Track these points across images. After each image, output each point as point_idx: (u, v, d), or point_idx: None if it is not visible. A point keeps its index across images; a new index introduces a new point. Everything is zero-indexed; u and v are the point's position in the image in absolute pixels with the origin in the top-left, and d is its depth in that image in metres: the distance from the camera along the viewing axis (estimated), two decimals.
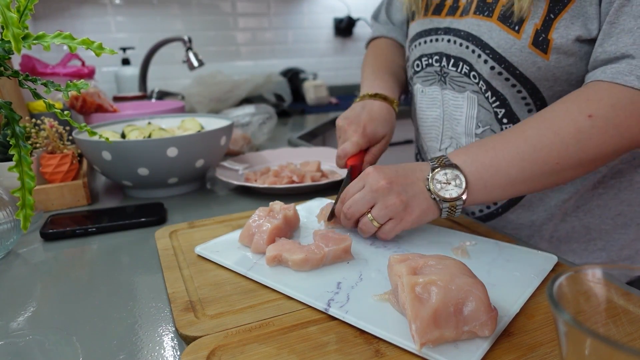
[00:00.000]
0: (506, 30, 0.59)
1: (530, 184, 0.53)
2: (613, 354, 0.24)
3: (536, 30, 0.57)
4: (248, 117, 1.20)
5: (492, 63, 0.61)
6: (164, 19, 2.03)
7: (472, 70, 0.64)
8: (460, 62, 0.66)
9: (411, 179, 0.54)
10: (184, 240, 0.59)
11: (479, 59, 0.63)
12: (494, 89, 0.63)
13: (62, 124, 0.85)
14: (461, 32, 0.65)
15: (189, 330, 0.40)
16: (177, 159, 0.76)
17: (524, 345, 0.37)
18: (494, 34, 0.61)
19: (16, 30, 0.45)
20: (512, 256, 0.50)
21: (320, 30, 2.34)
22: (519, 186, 0.53)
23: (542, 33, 0.57)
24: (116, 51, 0.53)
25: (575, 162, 0.51)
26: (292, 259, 0.48)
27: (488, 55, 0.61)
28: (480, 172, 0.53)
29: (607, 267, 0.31)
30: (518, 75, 0.60)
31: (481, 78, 0.64)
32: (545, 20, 0.56)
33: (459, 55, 0.66)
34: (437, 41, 0.69)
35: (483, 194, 0.53)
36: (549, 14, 0.56)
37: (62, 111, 0.57)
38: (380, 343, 0.38)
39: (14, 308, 0.47)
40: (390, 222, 0.53)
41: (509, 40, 0.59)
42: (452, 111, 0.70)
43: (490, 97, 0.64)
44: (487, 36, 0.61)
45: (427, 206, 0.53)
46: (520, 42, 0.58)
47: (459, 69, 0.66)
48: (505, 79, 0.61)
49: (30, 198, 0.52)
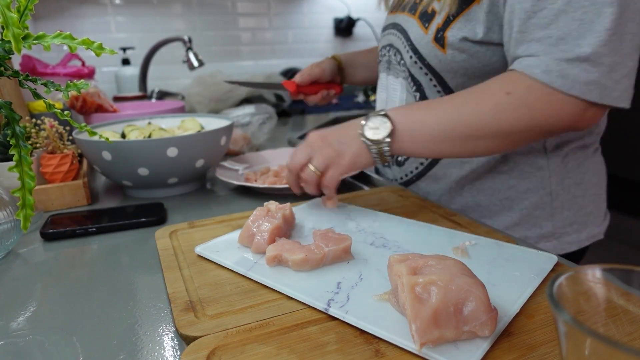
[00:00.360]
0: (420, 26, 0.71)
1: (451, 145, 0.61)
2: (613, 354, 0.24)
3: (437, 28, 0.68)
4: (248, 117, 1.20)
5: (411, 53, 0.73)
6: (164, 19, 2.03)
7: (402, 59, 0.76)
8: (397, 52, 0.78)
9: (345, 131, 0.63)
10: (184, 240, 0.59)
11: (404, 49, 0.75)
12: (412, 76, 0.75)
13: (62, 124, 0.85)
14: (398, 26, 0.77)
15: (189, 330, 0.40)
16: (177, 159, 0.76)
17: (524, 345, 0.37)
18: (414, 28, 0.72)
19: (16, 30, 0.45)
20: (512, 256, 0.50)
21: (320, 30, 2.34)
22: (441, 144, 0.61)
23: (441, 31, 0.68)
24: (116, 51, 0.53)
25: (491, 132, 0.58)
26: (292, 259, 0.48)
27: (409, 47, 0.73)
28: (407, 123, 0.61)
29: (607, 267, 0.31)
30: (427, 66, 0.72)
31: (405, 66, 0.76)
32: (445, 21, 0.67)
33: (396, 45, 0.78)
34: (389, 34, 0.81)
35: (409, 144, 0.61)
36: (449, 16, 0.67)
37: (62, 111, 0.57)
38: (380, 343, 0.38)
39: (14, 308, 0.47)
40: (329, 170, 0.61)
41: (420, 34, 0.71)
42: (392, 94, 0.83)
43: (410, 83, 0.76)
44: (410, 30, 0.74)
45: (358, 149, 0.61)
46: (427, 37, 0.70)
47: (397, 58, 0.79)
48: (419, 68, 0.73)
49: (30, 198, 0.52)
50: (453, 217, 0.64)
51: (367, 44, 2.41)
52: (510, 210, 0.75)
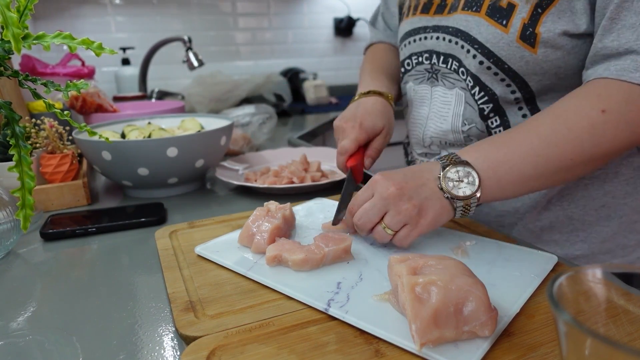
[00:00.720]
0: (494, 24, 0.60)
1: (544, 181, 0.53)
2: (613, 354, 0.24)
3: (524, 24, 0.58)
4: (248, 117, 1.20)
5: (480, 58, 0.62)
6: (164, 19, 2.03)
7: (461, 67, 0.65)
8: (449, 59, 0.67)
9: (421, 181, 0.52)
10: (184, 240, 0.59)
11: (467, 54, 0.64)
12: (482, 83, 0.64)
13: (62, 124, 0.85)
14: (449, 29, 0.66)
15: (189, 330, 0.40)
16: (177, 159, 0.76)
17: (524, 345, 0.37)
18: (482, 28, 0.62)
19: (16, 30, 0.45)
20: (512, 256, 0.50)
21: (320, 30, 2.34)
22: (532, 183, 0.53)
23: (530, 27, 0.58)
24: (116, 51, 0.53)
25: (589, 158, 0.51)
26: (292, 259, 0.48)
27: (477, 50, 0.62)
28: (493, 169, 0.52)
29: (607, 267, 0.31)
30: (507, 70, 0.61)
31: (469, 73, 0.65)
32: (532, 15, 0.57)
33: (448, 51, 0.67)
34: (426, 39, 0.70)
35: (496, 191, 0.53)
36: (536, 9, 0.57)
37: (61, 111, 0.57)
38: (380, 343, 0.38)
39: (14, 308, 0.47)
40: (405, 228, 0.51)
41: (496, 34, 0.60)
42: (440, 108, 0.71)
43: (477, 93, 0.65)
44: (475, 31, 0.62)
45: (441, 207, 0.51)
46: (508, 37, 0.59)
47: (449, 66, 0.67)
48: (494, 74, 0.62)
49: (30, 198, 0.52)
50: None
51: (367, 44, 2.41)
52: (608, 220, 0.67)
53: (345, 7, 2.32)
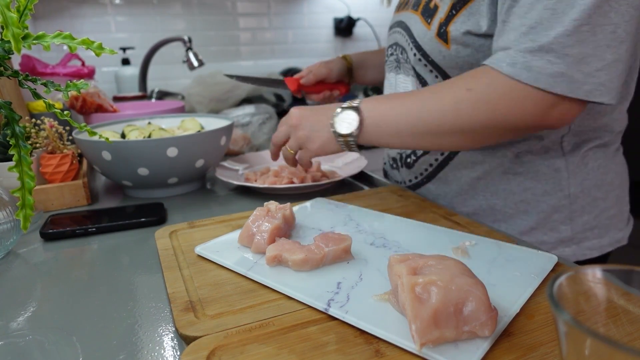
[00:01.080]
0: (423, 22, 0.70)
1: (415, 139, 0.63)
2: (613, 354, 0.24)
3: (440, 23, 0.67)
4: (248, 117, 1.20)
5: (415, 50, 0.72)
6: (164, 19, 2.03)
7: (408, 57, 0.75)
8: (402, 50, 0.77)
9: (319, 117, 0.68)
10: (184, 240, 0.59)
11: (408, 47, 0.74)
12: (417, 73, 0.74)
13: (62, 124, 0.85)
14: (402, 24, 0.77)
15: (189, 330, 0.40)
16: (177, 159, 0.76)
17: (524, 345, 0.37)
18: (417, 25, 0.71)
19: (16, 30, 0.45)
20: (512, 256, 0.50)
21: (320, 30, 2.34)
22: (405, 138, 0.63)
23: (444, 26, 0.67)
24: (116, 51, 0.53)
25: (450, 129, 0.60)
26: (292, 259, 0.48)
27: (413, 44, 0.73)
28: (375, 118, 0.64)
29: (608, 267, 0.31)
30: (431, 62, 0.70)
31: (410, 63, 0.75)
32: (448, 16, 0.66)
33: (401, 43, 0.77)
34: (394, 33, 0.81)
35: (375, 136, 0.65)
36: (451, 11, 0.66)
37: (61, 111, 0.57)
38: (380, 343, 0.38)
39: (14, 308, 0.47)
40: (301, 151, 0.71)
41: (423, 30, 0.70)
42: None
43: (417, 82, 0.75)
44: (413, 27, 0.73)
45: (327, 138, 0.67)
46: (430, 33, 0.69)
47: (403, 56, 0.77)
48: (424, 65, 0.72)
49: (30, 198, 0.52)
50: (453, 217, 0.64)
51: (367, 44, 2.41)
52: (526, 214, 0.72)
53: (345, 7, 2.31)
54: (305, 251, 0.48)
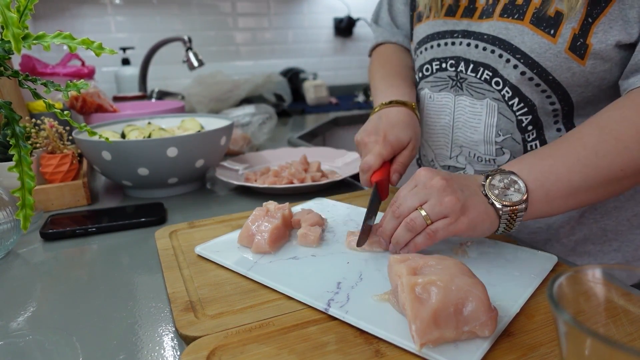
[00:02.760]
0: (540, 34, 0.57)
1: (592, 193, 0.50)
2: (613, 354, 0.24)
3: (574, 34, 0.55)
4: (248, 117, 1.20)
5: (522, 68, 0.59)
6: (164, 19, 2.03)
7: (496, 76, 0.62)
8: (481, 68, 0.63)
9: (467, 182, 0.50)
10: (184, 240, 0.59)
11: (507, 64, 0.61)
12: (522, 94, 0.61)
13: (62, 124, 0.85)
14: (484, 36, 0.62)
15: (189, 330, 0.40)
16: (177, 159, 0.76)
17: (524, 345, 0.37)
18: (526, 37, 0.58)
19: (16, 30, 0.45)
20: (512, 256, 0.50)
21: (320, 30, 2.34)
22: (581, 195, 0.50)
23: (580, 38, 0.55)
24: (116, 51, 0.53)
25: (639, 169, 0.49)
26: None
27: (519, 60, 0.59)
28: (539, 180, 0.49)
29: (607, 267, 0.31)
30: (550, 81, 0.58)
31: (507, 84, 0.61)
32: (583, 24, 0.54)
33: (481, 60, 0.63)
34: (454, 44, 0.66)
35: (544, 204, 0.49)
36: (587, 18, 0.54)
37: (61, 111, 0.57)
38: (380, 343, 0.38)
39: (14, 308, 0.47)
40: (443, 220, 0.47)
41: (543, 44, 0.57)
42: (468, 118, 0.67)
43: (516, 104, 0.62)
44: (518, 40, 0.59)
45: (486, 210, 0.48)
46: (556, 47, 0.56)
47: (479, 75, 0.64)
48: (535, 85, 0.59)
49: (30, 198, 0.52)
50: None
51: (367, 44, 2.40)
52: None
53: (345, 7, 2.32)
54: None
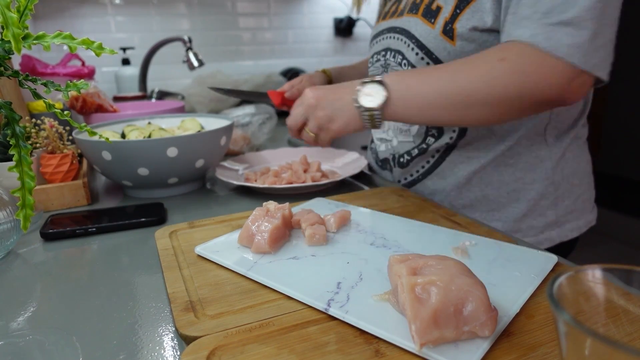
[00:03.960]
0: (426, 23, 0.73)
1: (444, 112, 0.63)
2: (613, 354, 0.24)
3: (445, 21, 0.70)
4: (248, 117, 1.20)
5: (417, 50, 0.74)
6: (164, 19, 2.03)
7: (404, 59, 0.77)
8: (396, 53, 0.79)
9: (339, 94, 0.67)
10: (184, 240, 0.59)
11: (408, 48, 0.76)
12: None
13: (62, 124, 0.85)
14: (397, 29, 0.79)
15: (189, 330, 0.40)
16: (177, 159, 0.76)
17: (524, 345, 0.37)
18: (418, 27, 0.74)
19: (16, 30, 0.45)
20: (512, 256, 0.50)
21: (320, 30, 2.34)
22: (434, 111, 0.63)
23: (449, 24, 0.69)
24: (116, 51, 0.53)
25: (483, 99, 0.60)
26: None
27: (414, 44, 0.74)
28: (402, 90, 0.63)
29: (607, 267, 0.31)
30: (435, 59, 0.72)
31: (410, 64, 0.76)
32: (452, 15, 0.69)
33: (396, 47, 0.79)
34: (384, 39, 0.83)
35: (402, 110, 0.64)
36: (455, 10, 0.69)
37: (62, 111, 0.57)
38: (380, 343, 0.38)
39: (14, 308, 0.47)
40: (322, 132, 0.69)
41: (427, 30, 0.72)
42: None
43: None
44: (413, 29, 0.75)
45: (350, 115, 0.66)
46: (434, 31, 0.71)
47: (396, 59, 0.79)
48: (426, 63, 0.74)
49: (30, 198, 0.52)
50: (453, 217, 0.64)
51: (367, 44, 2.41)
52: (517, 202, 0.77)
53: (345, 7, 2.32)
54: None
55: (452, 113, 0.63)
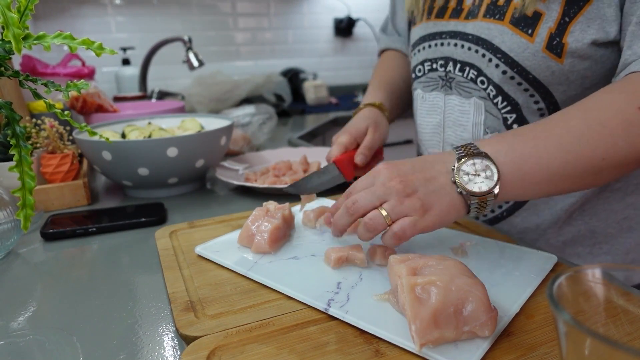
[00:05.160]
0: (519, 33, 0.58)
1: (570, 182, 0.48)
2: (613, 354, 0.24)
3: (550, 33, 0.56)
4: (248, 117, 1.20)
5: (504, 67, 0.60)
6: (164, 19, 2.03)
7: (481, 75, 0.63)
8: (467, 67, 0.64)
9: (431, 174, 0.48)
10: (184, 240, 0.59)
11: (489, 63, 0.61)
12: (505, 93, 0.61)
13: (62, 124, 0.85)
14: (469, 36, 0.63)
15: (189, 330, 0.40)
16: (177, 159, 0.76)
17: (523, 345, 0.37)
18: (505, 37, 0.59)
19: (17, 30, 0.45)
20: (512, 256, 0.50)
21: (320, 30, 2.34)
22: (559, 183, 0.48)
23: (557, 37, 0.55)
24: (116, 51, 0.53)
25: (622, 158, 0.47)
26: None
27: (499, 60, 0.60)
28: (517, 164, 0.47)
29: (607, 267, 0.31)
30: (531, 80, 0.59)
31: (491, 83, 0.62)
32: (559, 24, 0.55)
33: (467, 59, 0.64)
34: (443, 45, 0.67)
35: (518, 189, 0.48)
36: (563, 17, 0.55)
37: (62, 111, 0.57)
38: (380, 343, 0.38)
39: (14, 308, 0.47)
40: (405, 219, 0.46)
41: (521, 44, 0.58)
42: (458, 117, 0.68)
43: (500, 103, 0.62)
44: (498, 40, 0.60)
45: (451, 202, 0.46)
46: (534, 46, 0.57)
47: (466, 74, 0.65)
48: (517, 84, 0.60)
49: (30, 198, 0.52)
50: None
51: (367, 44, 2.41)
52: (630, 231, 0.66)
53: (345, 7, 2.32)
54: None
55: (581, 181, 0.48)
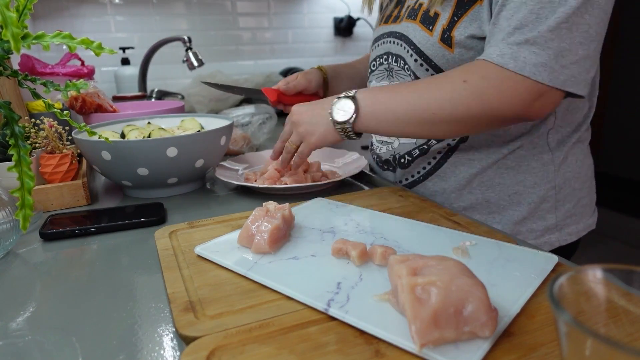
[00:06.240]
0: (423, 29, 0.74)
1: (412, 127, 0.67)
2: (614, 355, 0.24)
3: (443, 29, 0.71)
4: (248, 117, 1.20)
5: (415, 57, 0.76)
6: (164, 19, 2.03)
7: (406, 64, 0.79)
8: (398, 58, 0.81)
9: (317, 110, 0.73)
10: (183, 240, 0.59)
11: (407, 54, 0.77)
12: (418, 78, 0.77)
13: (61, 123, 0.85)
14: (397, 34, 0.80)
15: (189, 330, 0.40)
16: (177, 159, 0.76)
17: (524, 346, 0.37)
18: (416, 33, 0.75)
19: (15, 29, 0.45)
20: (512, 256, 0.50)
21: (320, 30, 2.34)
22: (403, 126, 0.67)
23: (447, 31, 0.71)
24: (116, 51, 0.53)
25: (447, 117, 0.64)
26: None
27: (413, 51, 0.76)
28: (372, 105, 0.68)
29: (608, 267, 0.31)
30: (434, 66, 0.74)
31: (410, 70, 0.78)
32: (450, 22, 0.71)
33: (398, 52, 0.80)
34: (384, 43, 0.84)
35: (372, 123, 0.68)
36: (453, 17, 0.70)
37: (61, 111, 0.57)
38: (380, 343, 0.37)
39: (13, 308, 0.47)
40: (302, 145, 0.74)
41: (425, 37, 0.74)
42: None
43: None
44: (412, 35, 0.76)
45: (326, 129, 0.71)
46: (432, 39, 0.73)
47: (399, 64, 0.81)
48: (425, 70, 0.75)
49: (29, 198, 0.52)
50: (453, 217, 0.64)
51: (367, 44, 2.41)
52: (518, 205, 0.78)
53: (345, 7, 2.32)
54: None
55: (419, 128, 0.67)
